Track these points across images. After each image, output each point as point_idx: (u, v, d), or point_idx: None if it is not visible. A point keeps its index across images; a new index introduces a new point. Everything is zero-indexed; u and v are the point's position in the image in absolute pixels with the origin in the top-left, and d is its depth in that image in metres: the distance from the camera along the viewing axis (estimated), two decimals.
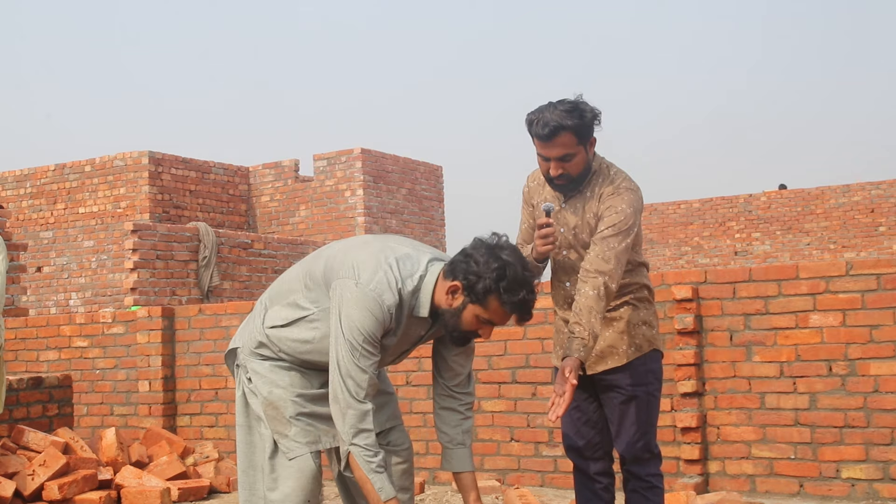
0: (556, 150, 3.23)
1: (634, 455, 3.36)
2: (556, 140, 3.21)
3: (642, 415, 3.35)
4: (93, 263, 12.99)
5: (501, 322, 2.96)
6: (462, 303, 2.92)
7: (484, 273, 2.87)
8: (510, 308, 2.91)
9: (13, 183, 15.23)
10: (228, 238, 12.07)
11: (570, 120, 3.19)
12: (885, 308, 4.94)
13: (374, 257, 2.95)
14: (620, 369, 3.34)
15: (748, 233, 19.35)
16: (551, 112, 3.20)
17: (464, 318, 2.93)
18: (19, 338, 7.73)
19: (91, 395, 7.37)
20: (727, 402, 5.29)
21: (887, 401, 4.91)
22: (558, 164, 3.25)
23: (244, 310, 6.88)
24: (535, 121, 3.23)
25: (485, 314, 2.92)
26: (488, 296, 2.88)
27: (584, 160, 3.29)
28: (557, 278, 3.43)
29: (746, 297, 5.25)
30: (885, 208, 18.10)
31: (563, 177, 3.28)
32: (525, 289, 2.90)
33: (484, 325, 2.95)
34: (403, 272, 2.94)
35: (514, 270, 2.88)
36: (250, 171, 15.95)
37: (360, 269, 2.93)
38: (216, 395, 6.92)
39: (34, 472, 5.21)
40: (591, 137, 3.29)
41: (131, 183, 14.15)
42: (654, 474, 3.38)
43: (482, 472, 5.92)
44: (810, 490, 5.08)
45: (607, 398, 3.39)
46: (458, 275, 2.91)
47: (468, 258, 2.91)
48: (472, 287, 2.88)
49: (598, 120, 3.26)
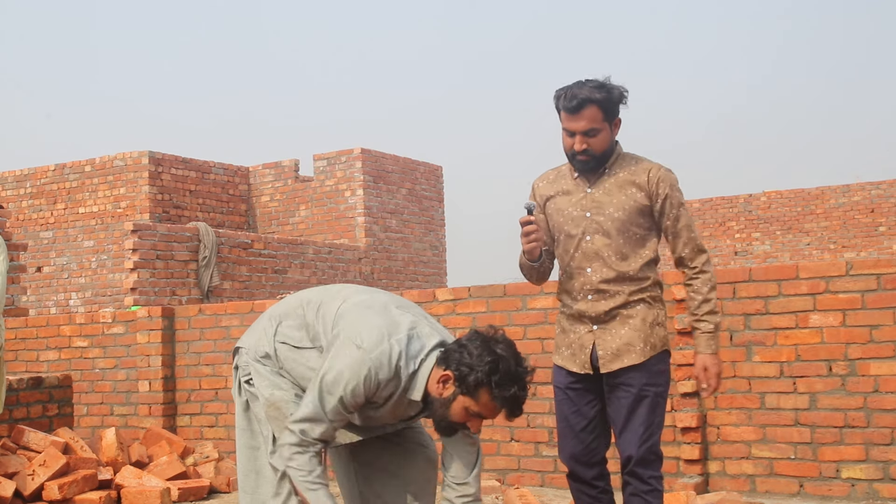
0: (582, 124, 3.27)
1: (640, 456, 3.33)
2: (582, 113, 3.25)
3: (651, 415, 3.33)
4: (93, 263, 12.99)
5: (490, 416, 2.94)
6: (453, 393, 2.91)
7: (476, 365, 2.86)
8: (500, 403, 2.89)
9: (13, 183, 15.23)
10: (228, 238, 12.07)
11: (598, 94, 3.25)
12: (885, 308, 4.94)
13: (387, 328, 2.95)
14: (635, 368, 3.31)
15: (748, 233, 19.35)
16: (579, 87, 3.27)
17: (453, 408, 2.93)
18: (19, 338, 7.73)
19: (91, 395, 7.38)
20: (727, 402, 5.29)
21: (887, 401, 4.91)
22: (583, 138, 3.28)
23: (244, 310, 6.88)
24: (563, 94, 3.29)
25: (475, 407, 2.91)
26: (479, 388, 2.87)
27: (608, 138, 3.32)
28: (577, 264, 3.37)
29: (746, 297, 5.26)
30: (885, 208, 18.10)
31: (586, 152, 3.30)
32: (517, 385, 2.89)
33: (473, 418, 2.94)
34: (409, 352, 2.94)
35: (507, 365, 2.88)
36: (250, 171, 15.95)
37: (368, 334, 2.93)
38: (216, 395, 6.93)
39: (34, 472, 5.21)
40: (617, 118, 3.34)
41: (131, 183, 14.15)
42: (655, 476, 3.36)
43: (482, 471, 5.92)
44: (810, 490, 5.08)
45: (615, 397, 3.35)
46: (451, 365, 2.91)
47: (462, 349, 2.91)
48: (464, 378, 2.87)
49: (624, 99, 3.31)
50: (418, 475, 3.22)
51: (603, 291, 3.32)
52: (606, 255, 3.31)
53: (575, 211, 3.37)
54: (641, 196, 3.32)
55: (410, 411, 3.04)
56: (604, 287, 3.31)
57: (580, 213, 3.35)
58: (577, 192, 3.39)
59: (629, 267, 3.31)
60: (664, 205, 3.33)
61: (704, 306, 3.31)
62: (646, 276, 3.33)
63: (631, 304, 3.32)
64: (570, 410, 3.43)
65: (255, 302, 6.96)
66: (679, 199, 3.35)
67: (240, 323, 6.85)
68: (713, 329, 3.31)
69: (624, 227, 3.31)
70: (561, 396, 3.46)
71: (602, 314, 3.33)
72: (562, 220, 3.39)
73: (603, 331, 3.33)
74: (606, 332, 3.33)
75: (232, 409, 6.77)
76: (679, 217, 3.34)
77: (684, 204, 3.37)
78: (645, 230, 3.35)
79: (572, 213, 3.37)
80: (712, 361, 3.30)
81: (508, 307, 5.88)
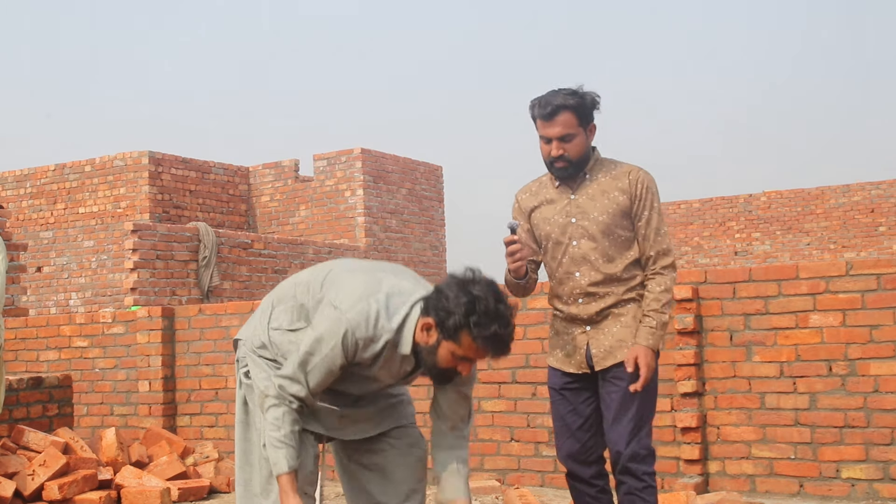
0: (556, 129, 3.34)
1: (631, 452, 3.35)
2: (556, 119, 3.33)
3: (641, 410, 3.36)
4: (93, 263, 13.00)
5: (477, 357, 2.93)
6: (436, 340, 2.91)
7: (453, 308, 2.86)
8: (482, 343, 2.87)
9: (13, 183, 15.23)
10: (228, 238, 12.07)
11: (571, 100, 3.33)
12: (885, 308, 4.94)
13: (364, 287, 2.97)
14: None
15: (748, 233, 19.35)
16: (553, 95, 3.36)
17: (440, 355, 2.93)
18: (19, 338, 7.73)
19: (91, 395, 7.38)
20: (727, 402, 5.29)
21: (887, 401, 4.91)
22: (559, 144, 3.35)
23: (244, 310, 6.88)
24: (538, 103, 3.38)
25: (459, 350, 2.90)
26: (459, 331, 2.86)
27: (584, 143, 3.39)
28: (566, 270, 3.44)
29: (746, 297, 5.26)
30: (885, 208, 18.11)
31: (563, 158, 3.37)
32: (497, 323, 2.85)
33: (461, 362, 2.94)
34: (390, 308, 2.95)
35: (484, 304, 2.85)
36: (250, 171, 15.95)
37: (346, 295, 2.95)
38: (216, 395, 6.93)
39: (34, 472, 5.21)
40: (591, 123, 3.41)
41: (131, 183, 14.16)
42: (649, 473, 3.37)
43: (482, 472, 5.92)
44: (810, 490, 5.08)
45: (605, 392, 3.40)
46: (431, 311, 2.91)
47: (440, 294, 2.91)
48: (444, 323, 2.87)
49: (597, 104, 3.39)
50: (410, 475, 3.24)
51: (592, 294, 3.39)
52: (593, 259, 3.38)
53: (560, 218, 3.43)
54: (624, 198, 3.39)
55: (406, 367, 3.04)
56: (592, 290, 3.38)
57: (566, 219, 3.42)
58: (560, 200, 3.45)
59: (615, 268, 3.38)
60: (639, 206, 3.40)
61: (653, 304, 3.36)
62: (632, 276, 3.40)
63: (622, 303, 3.40)
64: (566, 410, 3.47)
65: (255, 302, 6.96)
66: (652, 202, 3.41)
67: (239, 323, 6.84)
68: (655, 326, 3.34)
69: (609, 229, 3.38)
70: (556, 397, 3.51)
71: (594, 315, 3.40)
72: (549, 228, 3.46)
73: (596, 330, 3.40)
74: (599, 331, 3.39)
75: (232, 409, 6.76)
76: (650, 220, 3.40)
77: (657, 208, 3.43)
78: (629, 231, 3.42)
79: (558, 221, 3.44)
80: (645, 352, 3.31)
81: None
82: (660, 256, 3.40)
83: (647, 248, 3.41)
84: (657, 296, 3.37)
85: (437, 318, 2.89)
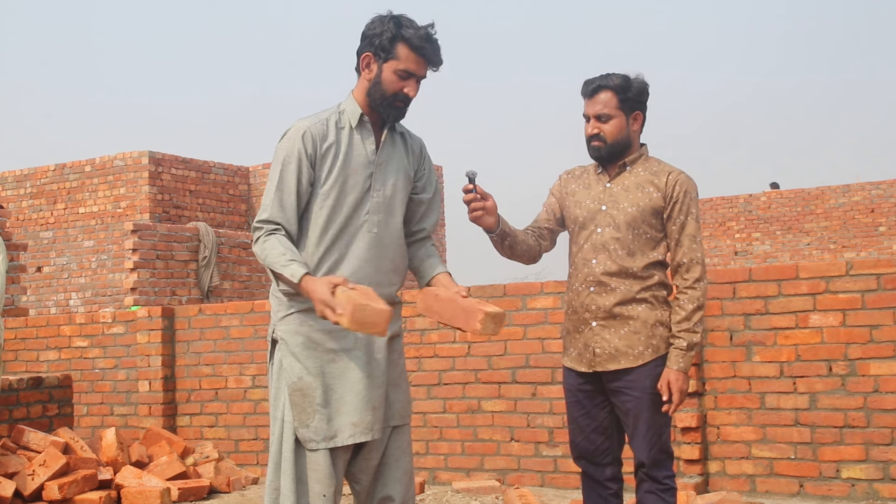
0: (595, 108, 3.35)
1: (653, 458, 3.33)
2: (597, 97, 3.35)
3: (658, 416, 3.33)
4: (93, 263, 13.00)
5: (418, 69, 3.02)
6: (378, 66, 3.03)
7: (382, 28, 3.01)
8: (417, 44, 2.99)
9: (13, 183, 15.23)
10: (228, 238, 12.07)
11: (613, 80, 3.34)
12: (885, 308, 4.94)
13: None
14: (636, 370, 3.31)
15: (748, 233, 19.34)
16: (601, 75, 3.38)
17: (384, 81, 3.03)
18: (19, 338, 7.74)
19: (91, 395, 7.38)
20: (727, 402, 5.29)
21: (887, 401, 4.91)
22: (596, 123, 3.35)
23: (244, 310, 6.88)
24: (585, 83, 3.40)
25: (400, 65, 3.01)
26: (395, 44, 3.00)
27: (622, 127, 3.36)
28: (584, 256, 3.39)
29: (746, 297, 5.26)
30: (885, 208, 18.09)
31: (598, 137, 3.36)
32: (425, 26, 3.02)
33: (406, 81, 3.03)
34: (319, 114, 3.11)
35: (408, 18, 3.02)
36: (250, 171, 15.94)
37: None
38: (216, 395, 6.92)
39: (34, 472, 5.21)
40: (637, 112, 3.39)
41: (131, 183, 14.15)
42: (669, 475, 3.37)
43: (482, 472, 5.92)
44: (810, 490, 5.08)
45: (620, 402, 3.36)
46: (364, 48, 3.05)
47: (364, 31, 3.06)
48: (379, 46, 3.01)
49: (645, 93, 3.39)
50: (403, 476, 3.23)
51: (604, 284, 3.32)
52: (613, 248, 3.33)
53: (592, 203, 3.41)
54: (658, 196, 3.33)
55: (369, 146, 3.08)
56: (605, 280, 3.32)
57: (596, 205, 3.39)
58: (596, 187, 3.43)
59: (633, 263, 3.31)
60: (674, 208, 3.33)
61: (684, 324, 3.30)
62: (650, 275, 3.33)
63: (633, 302, 3.31)
64: (580, 413, 3.44)
65: (255, 302, 6.95)
66: (689, 208, 3.34)
67: (240, 323, 6.84)
68: (686, 347, 3.29)
69: (635, 223, 3.32)
70: (571, 399, 3.47)
71: (603, 310, 3.32)
72: (578, 211, 3.42)
73: (603, 328, 3.33)
74: (606, 330, 3.33)
75: (232, 409, 6.78)
76: (686, 225, 3.33)
77: (695, 214, 3.35)
78: (657, 231, 3.35)
79: (589, 206, 3.41)
80: (676, 377, 3.28)
81: (508, 307, 5.88)
82: (692, 266, 3.32)
83: (681, 254, 3.33)
84: (688, 314, 3.30)
85: (371, 47, 3.02)
